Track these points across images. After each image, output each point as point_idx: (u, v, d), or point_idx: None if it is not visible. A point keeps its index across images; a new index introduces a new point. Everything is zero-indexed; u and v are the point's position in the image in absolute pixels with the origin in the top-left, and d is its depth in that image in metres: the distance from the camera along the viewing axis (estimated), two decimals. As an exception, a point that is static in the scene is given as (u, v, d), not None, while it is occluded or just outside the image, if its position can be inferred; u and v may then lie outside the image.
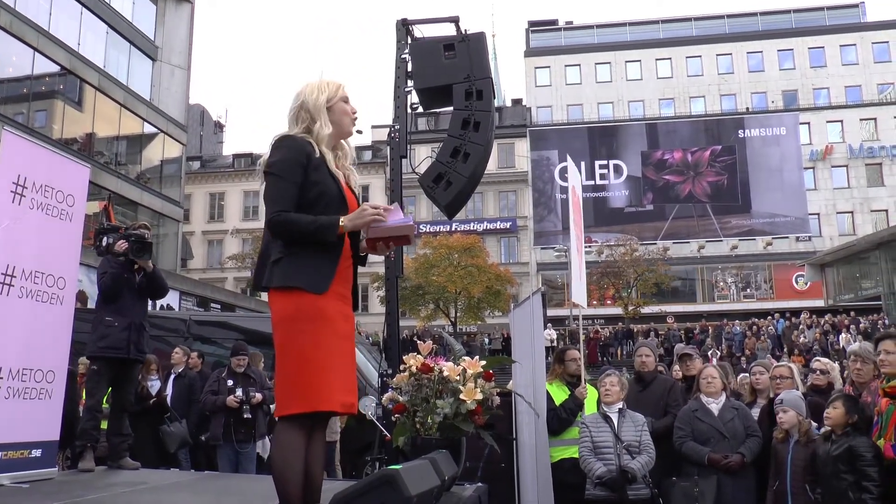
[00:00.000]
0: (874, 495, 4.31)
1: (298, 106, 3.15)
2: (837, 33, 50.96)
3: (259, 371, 8.17)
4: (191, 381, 8.69)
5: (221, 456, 7.72)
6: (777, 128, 49.08)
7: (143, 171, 32.69)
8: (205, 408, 7.86)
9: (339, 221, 2.98)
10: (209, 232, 51.87)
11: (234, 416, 7.62)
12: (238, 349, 7.98)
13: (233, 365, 7.88)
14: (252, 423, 7.70)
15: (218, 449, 7.76)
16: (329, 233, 2.96)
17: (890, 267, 32.42)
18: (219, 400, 7.66)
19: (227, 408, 7.61)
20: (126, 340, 5.70)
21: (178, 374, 8.78)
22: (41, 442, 4.92)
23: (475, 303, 39.76)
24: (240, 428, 7.64)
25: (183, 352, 9.05)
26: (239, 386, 7.69)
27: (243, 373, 7.83)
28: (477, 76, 6.93)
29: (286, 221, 2.94)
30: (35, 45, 25.18)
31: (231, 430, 7.62)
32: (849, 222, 48.03)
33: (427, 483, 3.30)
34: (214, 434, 7.71)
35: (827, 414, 4.69)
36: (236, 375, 7.81)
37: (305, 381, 2.89)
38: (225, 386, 7.73)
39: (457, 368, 4.39)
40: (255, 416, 7.70)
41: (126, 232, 6.00)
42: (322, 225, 2.96)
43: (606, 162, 49.48)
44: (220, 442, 7.67)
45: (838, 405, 4.65)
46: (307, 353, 2.90)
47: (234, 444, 7.63)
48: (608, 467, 5.35)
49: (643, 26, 54.73)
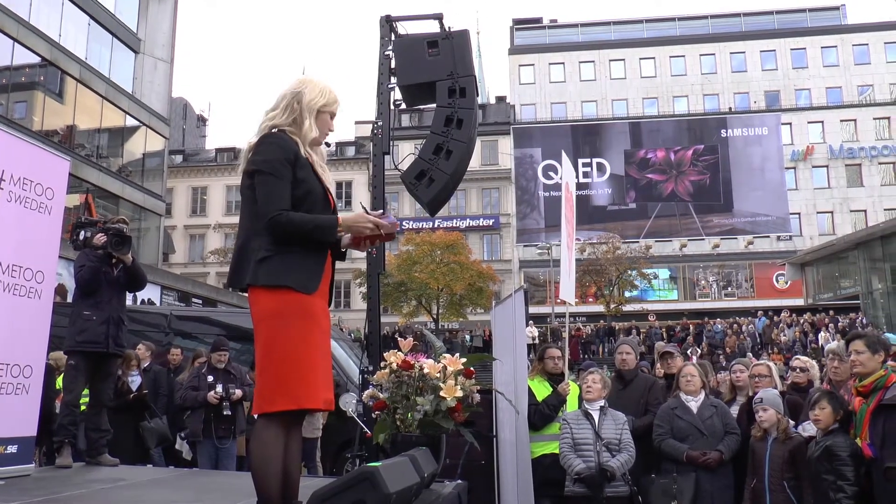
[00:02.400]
0: (847, 494, 4.34)
1: (294, 96, 3.14)
2: (819, 35, 51.36)
3: (239, 367, 8.13)
4: (156, 376, 8.56)
5: (201, 452, 7.66)
6: (759, 128, 49.44)
7: (124, 164, 32.43)
8: (185, 403, 7.80)
9: (338, 222, 2.99)
10: (191, 226, 51.54)
11: (214, 412, 7.58)
12: (219, 345, 7.93)
13: (213, 361, 7.82)
14: (232, 420, 7.66)
15: (197, 445, 7.71)
16: (330, 234, 3.00)
17: (868, 266, 32.83)
18: (199, 396, 7.61)
19: (207, 404, 7.57)
20: (104, 335, 5.65)
21: (144, 369, 8.67)
22: (18, 438, 4.87)
23: (457, 300, 39.79)
24: (220, 424, 7.60)
25: (146, 347, 8.91)
26: (219, 382, 7.64)
27: (224, 369, 7.79)
28: (460, 73, 6.93)
29: (288, 221, 2.94)
30: (15, 36, 24.88)
31: (211, 427, 7.58)
32: (828, 222, 48.49)
33: (407, 480, 3.31)
34: (194, 430, 7.66)
35: (816, 416, 4.71)
36: (217, 371, 7.76)
37: (292, 378, 2.89)
38: (205, 382, 7.67)
39: (437, 366, 4.40)
40: (235, 412, 7.66)
41: (104, 226, 5.95)
42: (323, 225, 2.98)
43: (590, 160, 49.61)
44: (199, 438, 7.62)
45: (825, 405, 4.67)
46: (294, 350, 2.90)
47: (214, 441, 7.59)
48: (587, 464, 5.38)
49: (627, 25, 54.93)
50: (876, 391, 4.45)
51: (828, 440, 4.54)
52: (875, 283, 32.66)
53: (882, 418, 4.36)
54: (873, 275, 32.82)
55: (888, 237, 31.10)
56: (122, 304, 6.00)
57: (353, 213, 3.11)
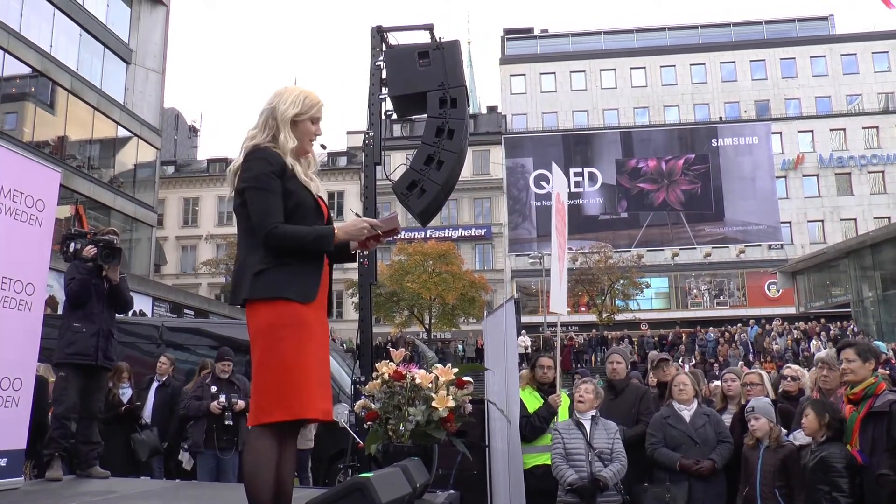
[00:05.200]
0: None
1: (270, 112, 3.15)
2: (808, 45, 51.72)
3: (243, 378, 8.08)
4: (174, 392, 8.59)
5: (202, 464, 7.62)
6: (749, 137, 49.66)
7: (116, 175, 32.31)
8: (188, 413, 7.77)
9: (334, 232, 3.01)
10: (183, 237, 51.37)
11: (216, 422, 7.55)
12: (223, 355, 7.91)
13: (217, 371, 7.82)
14: (235, 431, 7.60)
15: (198, 456, 7.66)
16: (327, 243, 3.01)
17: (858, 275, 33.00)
18: (202, 405, 7.59)
19: (209, 414, 7.55)
20: (94, 347, 5.64)
21: (161, 384, 8.65)
22: (7, 451, 4.83)
23: (449, 309, 39.71)
24: (222, 435, 7.56)
25: (170, 361, 8.84)
26: (222, 392, 7.62)
27: (227, 379, 7.76)
28: (451, 84, 6.95)
29: (285, 234, 2.95)
30: (5, 47, 24.79)
31: (213, 437, 7.55)
32: (819, 231, 48.71)
33: (398, 490, 3.31)
34: (196, 441, 7.62)
35: (803, 425, 4.75)
36: (220, 381, 7.75)
37: (289, 388, 2.90)
38: (208, 391, 7.66)
39: (429, 376, 4.40)
40: (237, 423, 7.60)
41: (94, 237, 5.93)
42: (320, 236, 3.00)
43: (581, 170, 49.73)
44: (201, 449, 7.58)
45: (808, 412, 4.71)
46: (290, 360, 2.90)
47: (217, 452, 7.55)
48: (580, 474, 5.37)
49: (618, 35, 55.17)
50: (866, 399, 4.48)
51: (823, 451, 4.55)
52: (866, 291, 32.84)
53: (872, 425, 4.39)
54: (864, 283, 33.00)
55: (878, 245, 31.29)
56: (113, 317, 5.98)
57: (347, 222, 3.12)
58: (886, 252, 31.05)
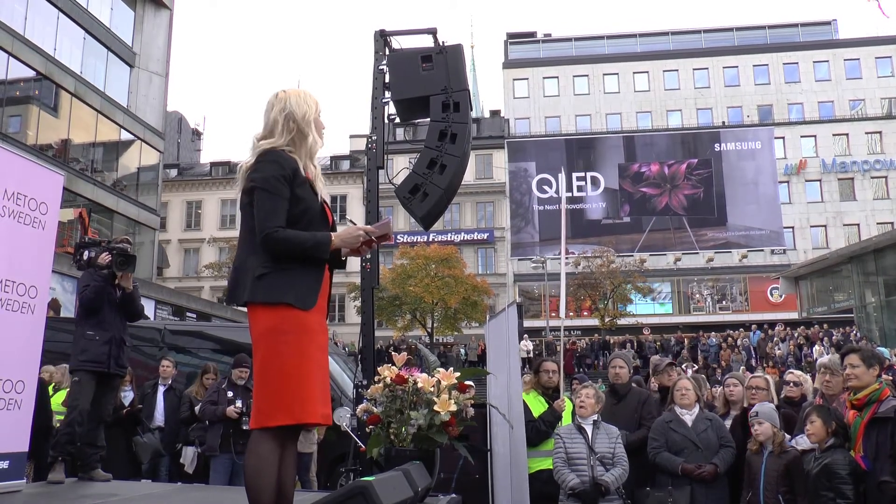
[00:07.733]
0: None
1: (286, 116, 3.14)
2: (811, 49, 51.71)
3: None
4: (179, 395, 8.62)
5: (216, 467, 7.65)
6: (752, 142, 49.64)
7: (119, 178, 32.37)
8: (203, 417, 7.81)
9: (331, 240, 3.01)
10: (186, 240, 51.45)
11: (232, 427, 7.57)
12: (240, 361, 7.92)
13: (233, 377, 7.86)
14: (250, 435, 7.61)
15: (212, 460, 7.69)
16: (323, 251, 3.03)
17: (861, 280, 32.91)
18: (218, 410, 7.62)
19: (225, 418, 7.57)
20: (106, 354, 5.69)
21: (168, 387, 8.68)
22: (9, 453, 4.82)
23: (452, 313, 39.72)
24: (238, 439, 7.54)
25: (172, 364, 8.90)
26: (239, 397, 7.64)
27: (244, 385, 7.79)
28: (454, 88, 6.96)
29: (284, 239, 2.96)
30: (10, 50, 24.86)
31: (230, 441, 7.57)
32: (822, 236, 48.66)
33: (400, 494, 3.31)
34: (211, 444, 7.66)
35: (808, 431, 4.74)
36: (236, 387, 7.78)
37: (290, 393, 2.92)
38: (225, 397, 7.69)
39: (431, 380, 4.40)
40: (253, 428, 7.62)
41: (108, 245, 5.97)
42: (318, 243, 3.01)
43: (584, 174, 49.74)
44: (216, 453, 7.61)
45: (815, 419, 4.69)
46: (292, 365, 2.92)
47: (233, 455, 7.56)
48: (581, 479, 5.37)
49: (621, 40, 55.21)
50: (870, 404, 4.48)
51: (827, 457, 4.55)
52: (869, 296, 32.72)
53: (876, 431, 4.39)
54: (867, 288, 32.89)
55: (881, 251, 31.18)
56: (125, 325, 6.03)
57: (343, 230, 3.13)
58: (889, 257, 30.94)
